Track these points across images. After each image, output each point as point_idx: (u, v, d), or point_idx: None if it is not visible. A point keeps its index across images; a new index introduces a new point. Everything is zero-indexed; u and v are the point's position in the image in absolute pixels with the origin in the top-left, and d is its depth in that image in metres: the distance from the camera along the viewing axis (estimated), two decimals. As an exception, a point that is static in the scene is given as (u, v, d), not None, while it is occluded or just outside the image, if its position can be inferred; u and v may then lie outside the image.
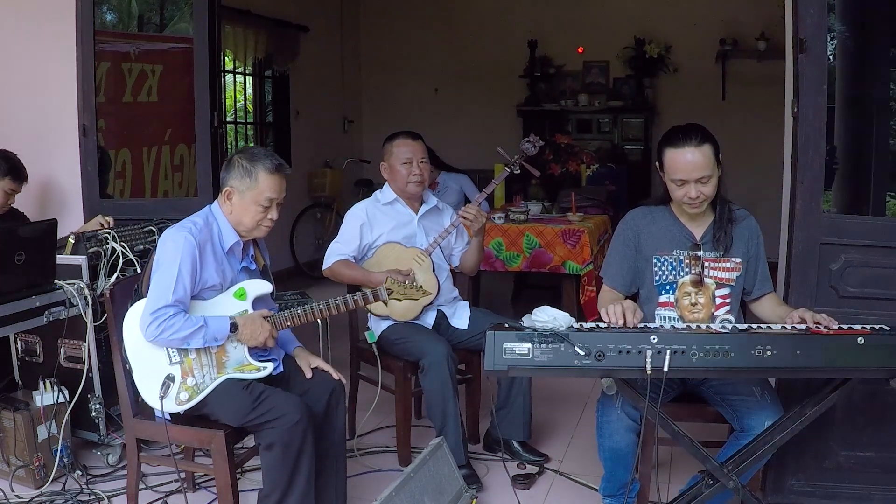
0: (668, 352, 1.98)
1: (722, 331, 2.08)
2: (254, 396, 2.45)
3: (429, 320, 3.24)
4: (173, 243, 2.46)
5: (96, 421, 3.17)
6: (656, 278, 2.51)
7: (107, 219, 3.40)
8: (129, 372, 2.53)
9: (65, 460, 3.01)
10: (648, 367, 1.98)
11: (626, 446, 2.40)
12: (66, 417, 3.00)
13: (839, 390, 2.16)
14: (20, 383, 3.28)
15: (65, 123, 3.81)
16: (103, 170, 4.00)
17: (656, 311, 2.51)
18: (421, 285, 2.84)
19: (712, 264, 2.49)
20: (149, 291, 2.47)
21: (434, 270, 3.23)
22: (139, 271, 3.05)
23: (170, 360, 2.48)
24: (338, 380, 2.67)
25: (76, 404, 3.04)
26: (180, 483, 2.96)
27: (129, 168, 4.67)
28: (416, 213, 3.31)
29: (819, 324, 2.18)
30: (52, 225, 3.04)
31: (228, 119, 6.75)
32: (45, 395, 2.98)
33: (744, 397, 2.38)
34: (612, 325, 2.13)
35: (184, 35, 5.15)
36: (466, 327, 3.26)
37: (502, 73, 7.88)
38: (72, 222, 3.61)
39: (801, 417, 2.19)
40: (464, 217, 3.17)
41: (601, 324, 2.15)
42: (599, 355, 1.99)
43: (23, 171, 3.53)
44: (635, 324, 2.14)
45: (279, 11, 6.84)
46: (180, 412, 2.51)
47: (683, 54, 7.49)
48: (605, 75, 7.85)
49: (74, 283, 3.05)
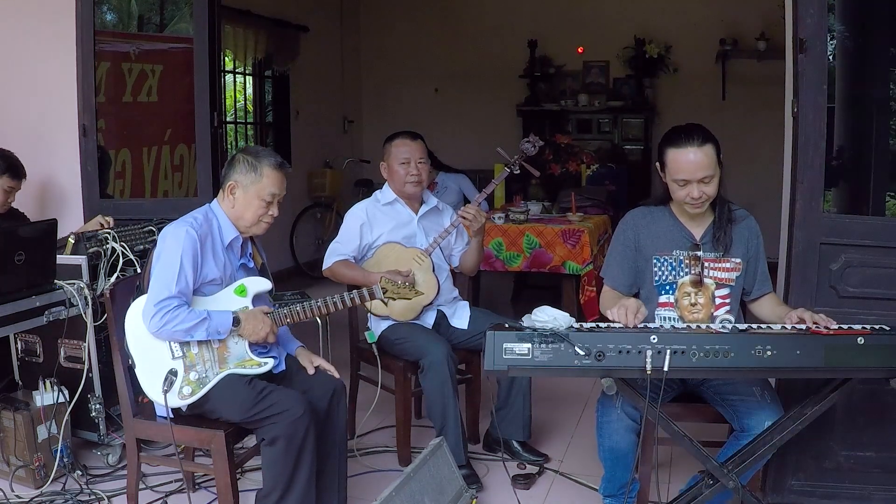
0: (668, 352, 1.98)
1: (722, 331, 2.08)
2: (256, 391, 2.46)
3: (429, 320, 3.24)
4: (174, 237, 2.48)
5: (96, 421, 3.17)
6: (656, 278, 2.51)
7: (107, 219, 3.40)
8: (132, 367, 2.53)
9: (65, 460, 3.01)
10: (648, 367, 1.98)
11: (626, 446, 2.40)
12: (66, 417, 3.00)
13: (839, 390, 2.16)
14: (20, 383, 3.28)
15: (65, 123, 3.81)
16: (103, 168, 4.00)
17: (656, 312, 2.51)
18: (414, 285, 2.86)
19: (712, 264, 2.49)
20: (151, 284, 2.48)
21: (434, 270, 3.23)
22: (139, 271, 3.05)
23: (172, 354, 2.49)
24: (339, 380, 2.68)
25: (76, 404, 3.04)
26: (182, 483, 2.97)
27: (129, 168, 4.67)
28: (416, 214, 3.31)
29: (818, 324, 2.18)
30: (52, 225, 3.04)
31: (228, 119, 6.75)
32: (45, 395, 2.98)
33: (744, 397, 2.38)
34: (624, 325, 2.13)
35: (184, 35, 5.15)
36: (466, 327, 3.26)
37: (502, 73, 7.88)
38: (72, 222, 3.61)
39: (801, 417, 2.19)
40: (463, 217, 3.17)
41: (601, 324, 2.15)
42: (599, 355, 1.99)
43: (21, 168, 3.53)
44: (636, 324, 2.14)
45: (279, 11, 6.84)
46: (182, 407, 2.52)
47: (683, 54, 7.49)
48: (605, 75, 7.85)
49: (74, 283, 3.05)
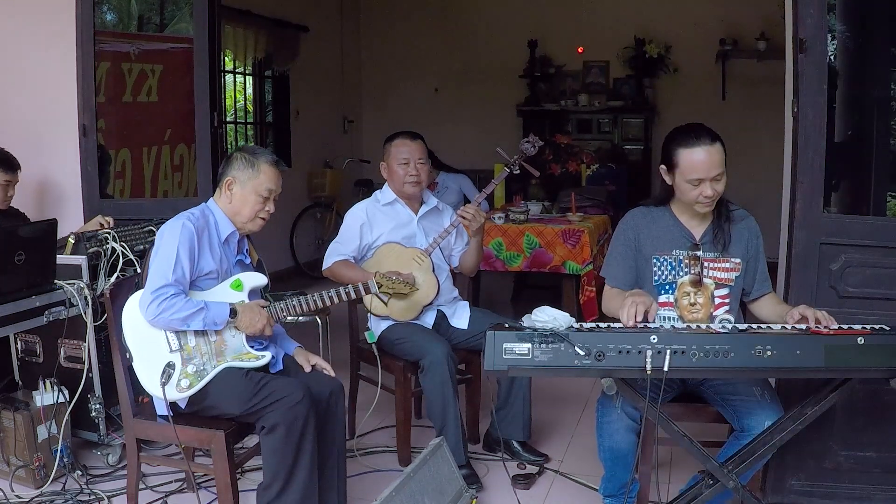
0: (668, 352, 1.98)
1: (722, 331, 2.08)
2: (254, 382, 2.47)
3: (428, 320, 3.24)
4: (171, 230, 2.52)
5: (96, 421, 3.17)
6: (655, 278, 2.51)
7: (107, 219, 3.40)
8: (130, 361, 2.54)
9: (65, 460, 3.01)
10: (648, 367, 1.98)
11: (626, 446, 2.40)
12: (66, 417, 3.00)
13: (839, 390, 2.16)
14: (20, 383, 3.28)
15: (65, 123, 3.81)
16: (103, 166, 4.00)
17: (656, 311, 2.50)
18: (408, 281, 2.91)
19: (711, 264, 2.49)
20: (148, 275, 2.50)
21: (434, 271, 3.22)
22: (139, 271, 3.06)
23: (170, 347, 2.50)
24: (336, 380, 2.68)
25: (76, 404, 3.04)
26: (182, 483, 2.97)
27: (129, 168, 4.66)
28: (416, 214, 3.31)
29: (819, 322, 2.18)
30: (52, 225, 3.04)
31: (228, 119, 6.75)
32: (45, 395, 2.98)
33: (744, 397, 2.38)
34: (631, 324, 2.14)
35: (184, 35, 5.15)
36: (466, 327, 3.26)
37: (502, 73, 7.88)
38: (72, 222, 3.61)
39: (801, 417, 2.19)
40: (462, 217, 3.17)
41: (601, 324, 2.15)
42: (599, 355, 1.99)
43: (13, 160, 3.53)
44: (644, 324, 2.14)
45: (279, 11, 6.84)
46: (181, 403, 2.52)
47: (683, 54, 7.48)
48: (605, 75, 7.85)
49: (74, 283, 3.05)
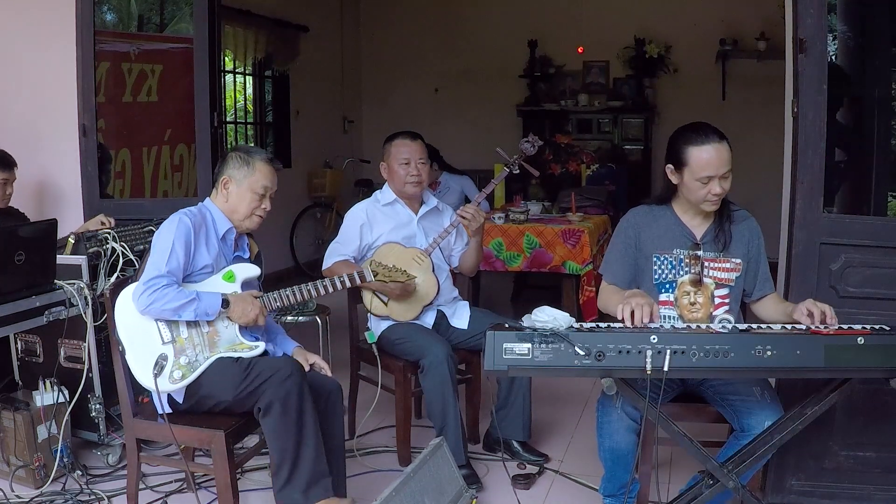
0: (668, 352, 1.98)
1: (722, 331, 2.08)
2: (244, 367, 2.48)
3: (428, 320, 3.24)
4: (168, 225, 2.55)
5: (96, 421, 3.16)
6: (656, 277, 2.51)
7: (108, 219, 3.40)
8: (122, 353, 2.54)
9: (65, 460, 3.01)
10: (648, 367, 1.98)
11: (626, 446, 2.40)
12: (66, 417, 3.00)
13: (839, 390, 2.16)
14: (20, 383, 3.28)
15: (65, 123, 3.81)
16: (103, 165, 4.00)
17: (658, 313, 2.50)
18: (405, 269, 2.90)
19: (712, 264, 2.49)
20: (144, 268, 2.52)
21: (434, 271, 3.23)
22: (139, 271, 3.06)
23: (162, 339, 2.50)
24: (334, 381, 2.69)
25: (76, 404, 3.04)
26: (182, 483, 2.97)
27: (129, 168, 4.67)
28: (416, 214, 3.31)
29: (825, 313, 2.18)
30: (52, 225, 3.04)
31: (228, 119, 6.75)
32: (45, 395, 2.98)
33: (744, 397, 2.38)
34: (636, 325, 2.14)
35: (184, 35, 5.15)
36: (466, 327, 3.26)
37: (502, 73, 7.88)
38: (72, 222, 3.61)
39: (801, 417, 2.19)
40: (462, 217, 3.17)
41: (601, 324, 2.15)
42: (599, 355, 1.99)
43: (9, 158, 3.53)
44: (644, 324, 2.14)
45: (279, 11, 6.84)
46: (176, 396, 2.52)
47: (683, 54, 7.48)
48: (605, 75, 7.85)
49: (74, 283, 3.04)
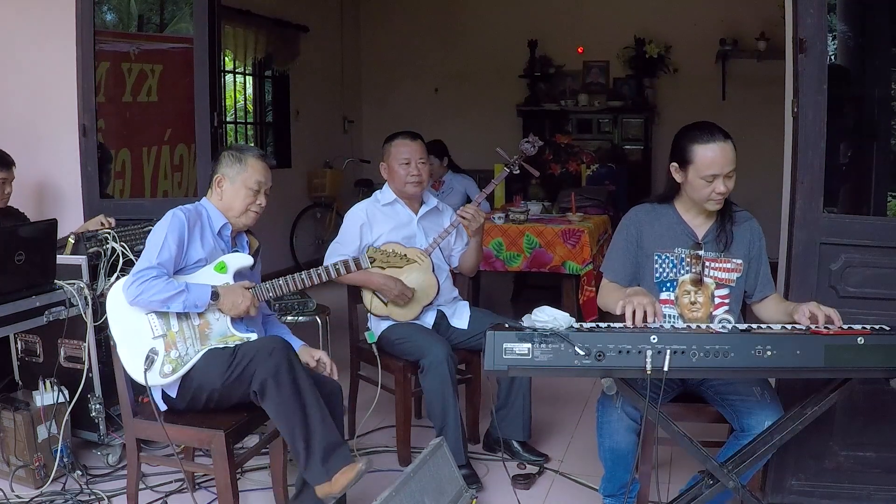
0: (668, 352, 1.98)
1: (722, 331, 2.08)
2: (229, 353, 2.49)
3: (428, 320, 3.24)
4: (162, 220, 2.57)
5: (96, 421, 3.17)
6: (657, 275, 2.51)
7: (108, 219, 3.40)
8: (114, 348, 2.54)
9: (65, 460, 3.01)
10: (648, 367, 1.98)
11: (626, 446, 2.40)
12: (66, 417, 3.00)
13: (839, 390, 2.16)
14: (20, 383, 3.28)
15: (65, 123, 3.81)
16: (104, 164, 4.00)
17: (661, 312, 2.50)
18: (406, 254, 2.85)
19: (712, 264, 2.49)
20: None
21: (434, 271, 3.23)
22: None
23: (153, 333, 2.50)
24: (335, 382, 2.68)
25: (76, 404, 3.04)
26: (182, 483, 2.96)
27: (129, 168, 4.67)
28: (416, 214, 3.31)
29: (829, 316, 2.18)
30: (52, 225, 3.04)
31: (228, 119, 6.76)
32: (45, 395, 2.98)
33: (744, 397, 2.38)
34: (638, 325, 2.14)
35: (184, 35, 5.15)
36: (466, 327, 3.26)
37: (502, 73, 7.88)
38: (72, 222, 3.61)
39: (801, 417, 2.19)
40: (462, 216, 3.17)
41: (601, 324, 2.15)
42: (599, 355, 1.99)
43: (6, 157, 3.53)
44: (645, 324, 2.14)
45: (279, 11, 6.84)
46: (169, 390, 2.53)
47: (683, 54, 7.48)
48: (605, 75, 7.86)
49: (74, 283, 3.04)
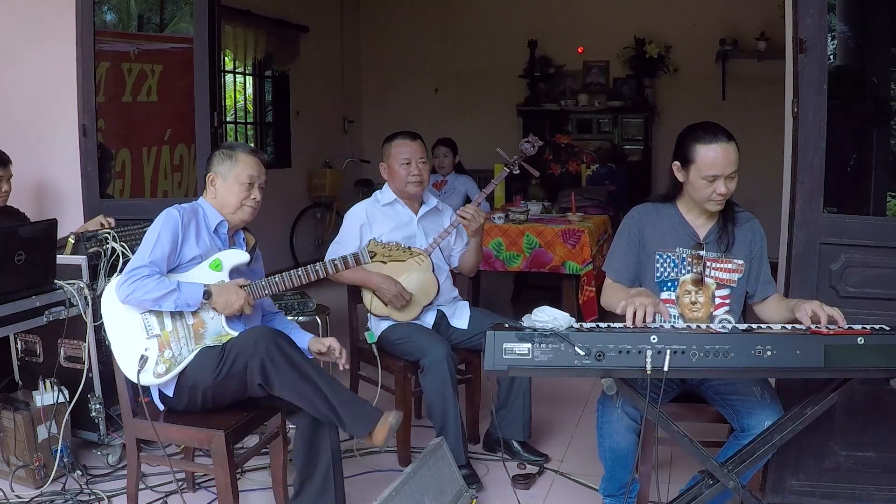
0: (668, 352, 1.98)
1: (722, 331, 2.08)
2: (219, 349, 2.48)
3: (428, 320, 3.24)
4: (157, 219, 2.57)
5: (96, 421, 3.16)
6: (658, 274, 2.51)
7: (108, 219, 3.40)
8: (108, 347, 2.54)
9: (65, 460, 3.01)
10: (648, 367, 1.98)
11: (626, 446, 2.40)
12: (66, 417, 3.00)
13: (839, 390, 2.16)
14: (20, 383, 3.28)
15: (65, 123, 3.81)
16: (104, 163, 4.00)
17: (667, 311, 2.50)
18: (409, 247, 2.78)
19: (714, 264, 2.49)
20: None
21: (434, 271, 3.23)
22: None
23: (147, 333, 2.50)
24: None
25: (76, 404, 3.04)
26: (183, 482, 2.97)
27: (129, 168, 4.67)
28: (416, 214, 3.31)
29: (833, 317, 2.17)
30: (52, 225, 3.04)
31: (228, 119, 6.76)
32: (45, 395, 2.98)
33: (744, 397, 2.38)
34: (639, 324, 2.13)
35: (184, 35, 5.16)
36: (466, 327, 3.26)
37: (502, 73, 7.88)
38: (72, 222, 3.61)
39: (801, 417, 2.19)
40: (462, 216, 3.17)
41: (601, 324, 2.15)
42: (599, 355, 1.99)
43: (3, 154, 3.53)
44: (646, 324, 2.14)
45: (279, 11, 6.84)
46: (165, 388, 2.52)
47: (683, 54, 7.49)
48: (605, 75, 7.86)
49: (74, 283, 3.04)
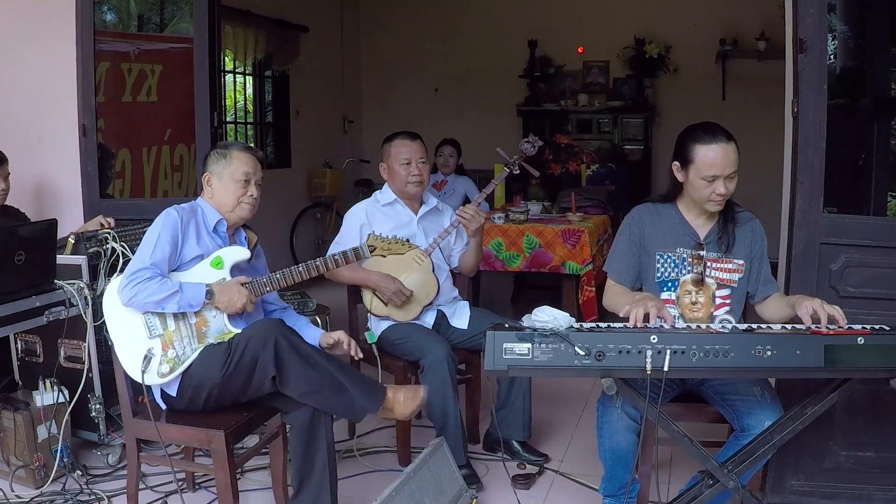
0: (668, 352, 1.98)
1: (722, 331, 2.08)
2: (225, 345, 2.48)
3: (428, 320, 3.24)
4: (156, 220, 2.58)
5: (96, 421, 3.17)
6: (658, 275, 2.51)
7: (108, 220, 3.40)
8: (111, 348, 2.54)
9: (65, 460, 3.01)
10: (648, 367, 1.98)
11: (626, 446, 2.40)
12: (66, 417, 3.00)
13: (839, 390, 2.16)
14: (20, 383, 3.28)
15: (65, 123, 3.82)
16: (105, 163, 4.00)
17: (670, 316, 2.49)
18: (407, 239, 2.80)
19: (714, 264, 2.49)
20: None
21: (434, 271, 3.22)
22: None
23: (149, 333, 2.50)
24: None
25: (76, 404, 3.04)
26: (183, 482, 2.97)
27: (129, 168, 4.67)
28: (416, 214, 3.31)
29: (833, 316, 2.17)
30: (52, 225, 3.04)
31: (228, 119, 6.75)
32: (45, 395, 2.98)
33: (744, 397, 2.38)
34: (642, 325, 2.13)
35: (184, 35, 5.15)
36: (466, 327, 3.26)
37: (502, 73, 7.87)
38: (72, 222, 3.61)
39: (801, 417, 2.19)
40: (462, 216, 3.17)
41: (601, 324, 2.15)
42: (599, 355, 1.99)
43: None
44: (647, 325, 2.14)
45: (279, 11, 6.84)
46: (168, 388, 2.52)
47: (683, 54, 7.48)
48: (605, 75, 7.85)
49: (74, 283, 3.04)
